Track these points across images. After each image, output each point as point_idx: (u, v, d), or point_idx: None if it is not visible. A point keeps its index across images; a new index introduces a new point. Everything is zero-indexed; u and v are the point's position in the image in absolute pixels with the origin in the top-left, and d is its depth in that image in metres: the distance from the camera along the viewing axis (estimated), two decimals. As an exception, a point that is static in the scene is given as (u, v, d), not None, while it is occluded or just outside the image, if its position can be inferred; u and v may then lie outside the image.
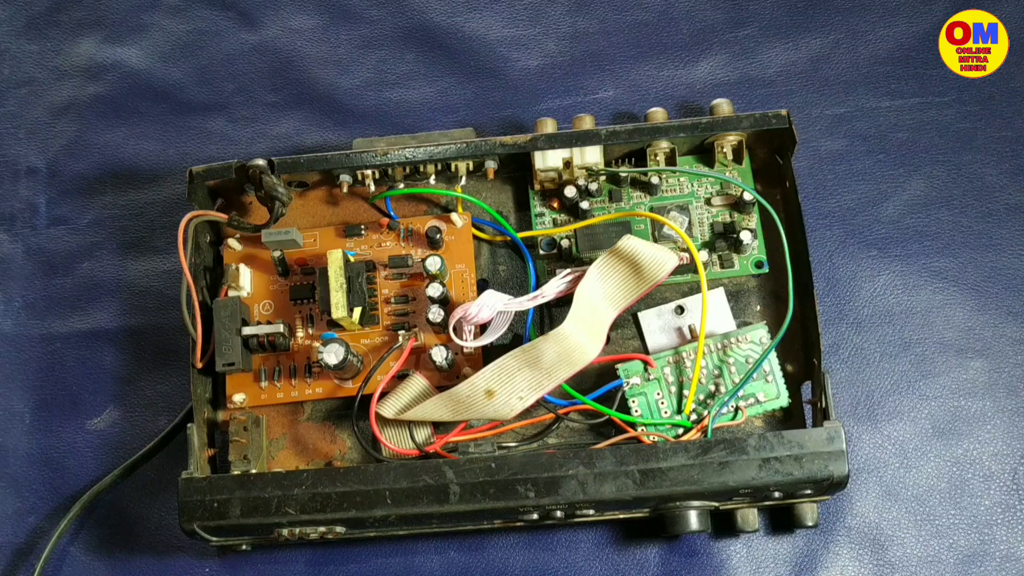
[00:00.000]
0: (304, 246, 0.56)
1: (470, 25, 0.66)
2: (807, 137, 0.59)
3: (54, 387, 0.60)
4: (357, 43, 0.66)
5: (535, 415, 0.52)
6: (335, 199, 0.57)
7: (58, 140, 0.66)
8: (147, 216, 0.63)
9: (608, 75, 0.64)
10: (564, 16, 0.66)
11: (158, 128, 0.65)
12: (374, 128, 0.63)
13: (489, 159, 0.55)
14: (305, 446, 0.54)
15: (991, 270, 0.57)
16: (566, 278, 0.52)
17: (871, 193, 0.59)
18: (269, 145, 0.64)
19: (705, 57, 0.64)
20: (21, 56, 0.68)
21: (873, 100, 0.61)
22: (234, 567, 0.56)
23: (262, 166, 0.53)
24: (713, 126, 0.54)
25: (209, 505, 0.49)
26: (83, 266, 0.63)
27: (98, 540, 0.57)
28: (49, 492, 0.58)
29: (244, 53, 0.67)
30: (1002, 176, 0.59)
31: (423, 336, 0.53)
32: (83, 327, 0.61)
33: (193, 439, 0.51)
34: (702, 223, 0.55)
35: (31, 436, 0.59)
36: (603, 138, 0.54)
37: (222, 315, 0.52)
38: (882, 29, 0.63)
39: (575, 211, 0.55)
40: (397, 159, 0.54)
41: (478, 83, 0.64)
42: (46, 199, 0.65)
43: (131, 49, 0.68)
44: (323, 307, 0.52)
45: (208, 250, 0.56)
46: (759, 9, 0.64)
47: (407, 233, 0.56)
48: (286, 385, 0.54)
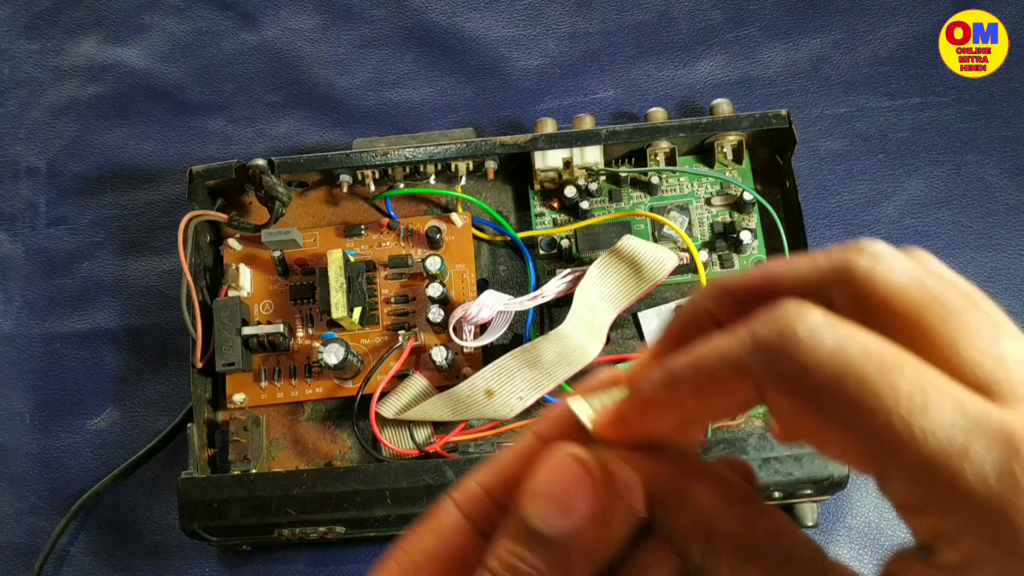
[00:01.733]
0: (304, 246, 0.56)
1: (470, 25, 0.66)
2: (807, 137, 0.59)
3: (54, 387, 0.60)
4: (357, 43, 0.66)
5: (535, 415, 0.52)
6: (335, 199, 0.57)
7: (58, 140, 0.66)
8: (147, 216, 0.63)
9: (608, 75, 0.64)
10: (564, 16, 0.66)
11: (158, 128, 0.65)
12: (374, 128, 0.63)
13: (489, 159, 0.55)
14: (305, 446, 0.54)
15: (991, 270, 0.57)
16: (566, 278, 0.52)
17: (871, 193, 0.59)
18: (269, 145, 0.64)
19: (705, 57, 0.64)
20: (21, 56, 0.68)
21: (873, 100, 0.61)
22: (234, 567, 0.56)
23: (262, 166, 0.53)
24: (713, 126, 0.54)
25: (209, 505, 0.49)
26: (83, 266, 0.63)
27: (98, 540, 0.57)
28: (49, 492, 0.58)
29: (244, 53, 0.67)
30: (1002, 176, 0.59)
31: (423, 336, 0.53)
32: (83, 327, 0.61)
33: (193, 439, 0.51)
34: (702, 223, 0.55)
35: (31, 436, 0.59)
36: (603, 138, 0.54)
37: (222, 315, 0.52)
38: (882, 29, 0.63)
39: (575, 211, 0.55)
40: (397, 159, 0.54)
41: (478, 83, 0.64)
42: (46, 199, 0.65)
43: (131, 49, 0.68)
44: (323, 307, 0.52)
45: (208, 250, 0.56)
46: (759, 9, 0.64)
47: (407, 233, 0.56)
48: (286, 385, 0.54)
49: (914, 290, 0.17)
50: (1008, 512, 0.14)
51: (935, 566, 0.16)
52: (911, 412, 0.15)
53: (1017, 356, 0.16)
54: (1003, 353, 0.16)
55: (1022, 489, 0.14)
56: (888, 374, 0.15)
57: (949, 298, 0.17)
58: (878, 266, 0.17)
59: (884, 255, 0.17)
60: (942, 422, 0.15)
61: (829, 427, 0.16)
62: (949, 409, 0.15)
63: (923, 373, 0.16)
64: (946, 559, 0.15)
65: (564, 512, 0.19)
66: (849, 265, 0.17)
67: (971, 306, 0.17)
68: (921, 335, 0.16)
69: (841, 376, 0.15)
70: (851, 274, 0.17)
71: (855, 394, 0.15)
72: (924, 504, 0.15)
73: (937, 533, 0.15)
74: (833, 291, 0.17)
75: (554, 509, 0.19)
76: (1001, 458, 0.15)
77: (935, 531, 0.15)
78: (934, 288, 0.17)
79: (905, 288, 0.17)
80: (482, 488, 0.21)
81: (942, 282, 0.17)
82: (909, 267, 0.17)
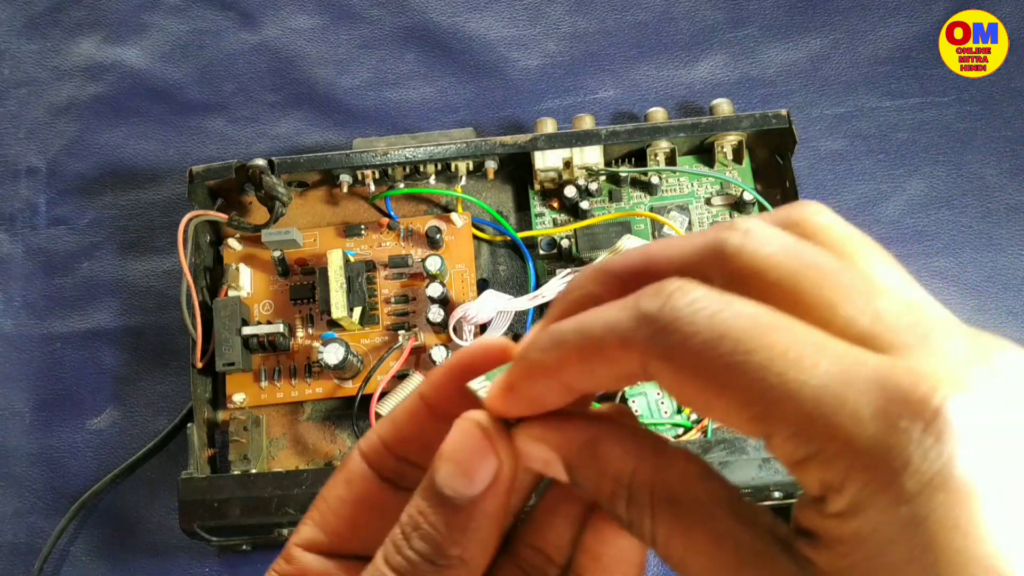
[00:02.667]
0: (304, 246, 0.56)
1: (470, 25, 0.66)
2: (807, 137, 0.59)
3: (54, 387, 0.60)
4: (357, 43, 0.66)
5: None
6: (335, 199, 0.57)
7: (58, 140, 0.66)
8: (147, 216, 0.63)
9: (608, 75, 0.64)
10: (564, 16, 0.66)
11: (158, 128, 0.65)
12: (374, 128, 0.63)
13: (489, 159, 0.55)
14: (305, 446, 0.54)
15: (991, 270, 0.57)
16: (566, 278, 0.52)
17: (871, 193, 0.59)
18: (269, 145, 0.64)
19: (705, 57, 0.64)
20: (21, 56, 0.68)
21: (873, 100, 0.61)
22: (234, 567, 0.56)
23: (262, 166, 0.53)
24: (713, 126, 0.54)
25: (209, 505, 0.49)
26: (83, 266, 0.63)
27: (98, 540, 0.57)
28: (49, 492, 0.58)
29: (244, 53, 0.67)
30: (1002, 176, 0.59)
31: (423, 336, 0.53)
32: (83, 327, 0.61)
33: (193, 439, 0.51)
34: (702, 223, 0.55)
35: (31, 436, 0.59)
36: (603, 138, 0.54)
37: (222, 315, 0.52)
38: (882, 29, 0.63)
39: (575, 211, 0.55)
40: (397, 159, 0.54)
41: (478, 83, 0.64)
42: (46, 199, 0.65)
43: (131, 49, 0.68)
44: (323, 307, 0.52)
45: (208, 250, 0.56)
46: (759, 9, 0.64)
47: (407, 233, 0.56)
48: (286, 385, 0.54)
49: (785, 259, 0.17)
50: (886, 455, 0.15)
51: (826, 515, 0.16)
52: (786, 368, 0.15)
53: (893, 309, 0.16)
54: (879, 308, 0.16)
55: (899, 431, 0.15)
56: (762, 333, 0.16)
57: (822, 263, 0.17)
58: (747, 241, 0.17)
59: (752, 229, 0.18)
60: (817, 373, 0.15)
61: (712, 393, 0.16)
62: (825, 361, 0.15)
63: (797, 330, 0.16)
64: (834, 507, 0.16)
65: (467, 477, 0.20)
66: (720, 242, 0.18)
67: (846, 267, 0.17)
68: (797, 302, 0.17)
69: (717, 340, 0.16)
70: (722, 251, 0.17)
71: (731, 355, 0.16)
72: (807, 456, 0.16)
73: (824, 484, 0.16)
74: (709, 269, 0.18)
75: (458, 474, 0.20)
76: (877, 402, 0.15)
77: (822, 482, 0.16)
78: (806, 255, 0.17)
79: (775, 258, 0.17)
80: (381, 440, 0.22)
81: (814, 249, 0.17)
82: (779, 237, 0.18)
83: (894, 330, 0.16)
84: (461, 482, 0.20)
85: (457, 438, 0.20)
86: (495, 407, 0.20)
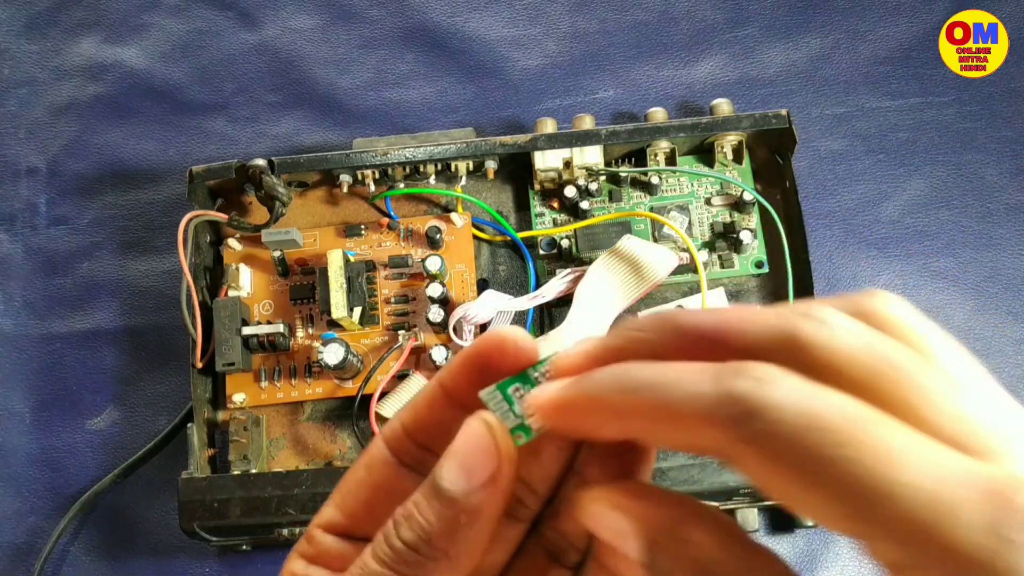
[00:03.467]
0: (304, 246, 0.56)
1: (470, 25, 0.66)
2: (807, 137, 0.59)
3: (54, 387, 0.60)
4: (357, 43, 0.66)
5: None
6: (335, 199, 0.57)
7: (58, 140, 0.66)
8: (147, 216, 0.63)
9: (608, 75, 0.64)
10: (564, 16, 0.66)
11: (158, 128, 0.65)
12: (374, 128, 0.63)
13: (489, 159, 0.55)
14: (305, 446, 0.54)
15: (991, 270, 0.57)
16: (566, 278, 0.52)
17: (871, 193, 0.59)
18: (269, 145, 0.64)
19: (705, 57, 0.64)
20: (21, 56, 0.68)
21: (873, 100, 0.61)
22: (234, 567, 0.56)
23: (262, 166, 0.53)
24: (713, 126, 0.54)
25: (209, 505, 0.49)
26: (83, 266, 0.63)
27: (98, 540, 0.57)
28: (49, 492, 0.58)
29: (244, 53, 0.67)
30: (1002, 176, 0.59)
31: (423, 336, 0.53)
32: (83, 327, 0.61)
33: (193, 439, 0.51)
34: (702, 223, 0.55)
35: (31, 436, 0.59)
36: (603, 138, 0.54)
37: (222, 315, 0.52)
38: (882, 29, 0.63)
39: (575, 211, 0.55)
40: (397, 159, 0.54)
41: (478, 83, 0.64)
42: (46, 199, 0.65)
43: (131, 49, 0.68)
44: (323, 307, 0.52)
45: (208, 250, 0.56)
46: (759, 9, 0.64)
47: (407, 233, 0.56)
48: (286, 385, 0.54)
49: (866, 356, 0.17)
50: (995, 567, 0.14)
51: None
52: (886, 467, 0.15)
53: (978, 412, 0.16)
54: (963, 412, 0.16)
55: (1008, 543, 0.14)
56: (858, 428, 0.15)
57: (903, 361, 0.17)
58: (825, 332, 0.17)
59: (829, 321, 0.17)
60: (924, 477, 0.15)
61: (802, 486, 0.16)
62: (929, 464, 0.15)
63: (894, 428, 0.15)
64: None
65: (465, 474, 0.20)
66: (796, 330, 0.17)
67: (923, 365, 0.17)
68: (879, 400, 0.16)
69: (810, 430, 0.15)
70: (798, 340, 0.17)
71: (825, 447, 0.15)
72: (909, 563, 0.15)
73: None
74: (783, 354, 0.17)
75: (457, 469, 0.20)
76: (986, 511, 0.14)
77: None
78: (887, 352, 0.17)
79: (856, 354, 0.17)
80: (402, 426, 0.23)
81: (894, 345, 0.17)
82: (858, 331, 0.17)
83: (982, 434, 0.16)
84: (458, 477, 0.20)
85: (463, 435, 0.20)
86: (546, 414, 0.20)
